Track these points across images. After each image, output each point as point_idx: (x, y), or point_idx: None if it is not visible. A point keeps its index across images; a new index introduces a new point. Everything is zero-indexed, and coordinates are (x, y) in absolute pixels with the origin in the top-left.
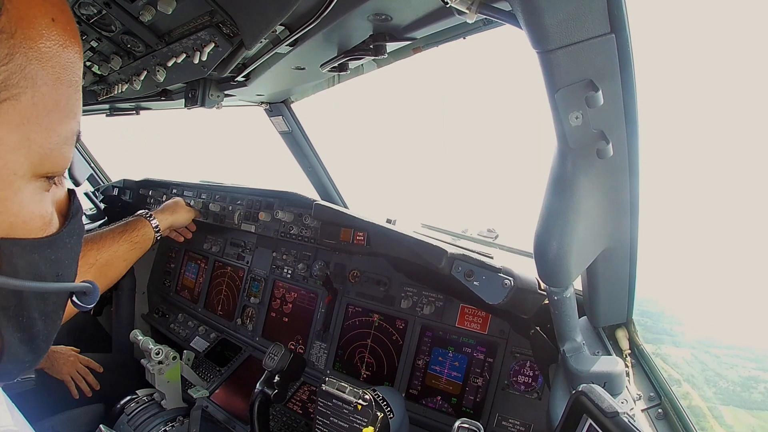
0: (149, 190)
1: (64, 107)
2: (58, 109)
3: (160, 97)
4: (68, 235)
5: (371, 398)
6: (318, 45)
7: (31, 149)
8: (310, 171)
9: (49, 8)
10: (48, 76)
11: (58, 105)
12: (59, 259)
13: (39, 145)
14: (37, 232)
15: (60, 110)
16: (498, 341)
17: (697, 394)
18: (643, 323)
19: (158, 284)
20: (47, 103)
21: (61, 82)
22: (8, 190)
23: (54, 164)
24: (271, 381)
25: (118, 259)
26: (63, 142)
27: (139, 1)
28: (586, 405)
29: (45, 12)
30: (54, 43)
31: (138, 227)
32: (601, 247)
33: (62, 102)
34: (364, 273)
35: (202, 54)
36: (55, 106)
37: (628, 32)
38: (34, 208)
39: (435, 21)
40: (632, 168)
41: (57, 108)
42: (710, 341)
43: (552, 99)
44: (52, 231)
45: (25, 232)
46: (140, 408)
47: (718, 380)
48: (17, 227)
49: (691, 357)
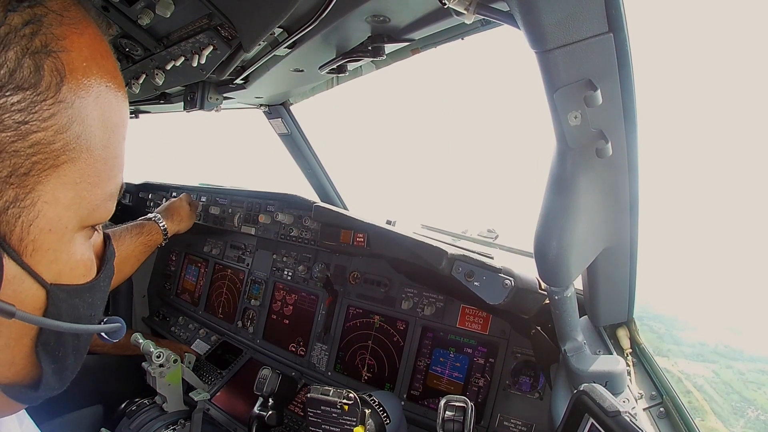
0: (149, 194)
1: (113, 164)
2: (107, 167)
3: (159, 100)
4: (103, 279)
5: (355, 396)
6: (316, 47)
7: (82, 205)
8: (309, 173)
9: (104, 75)
10: (102, 138)
11: (107, 163)
12: (95, 301)
13: (89, 202)
14: (80, 278)
15: (110, 167)
16: (499, 341)
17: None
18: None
19: (158, 287)
20: (99, 162)
21: (113, 141)
22: (60, 242)
23: (99, 217)
24: (266, 404)
25: (133, 258)
26: (109, 197)
27: (137, 5)
28: (588, 404)
29: (101, 80)
30: (107, 107)
31: (152, 231)
32: (601, 246)
33: (112, 160)
34: (364, 274)
35: (200, 57)
36: (106, 164)
37: (626, 31)
38: (80, 257)
39: (433, 22)
40: (631, 167)
41: (107, 166)
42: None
43: (551, 99)
44: (92, 276)
45: (70, 278)
46: (141, 411)
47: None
48: (65, 274)
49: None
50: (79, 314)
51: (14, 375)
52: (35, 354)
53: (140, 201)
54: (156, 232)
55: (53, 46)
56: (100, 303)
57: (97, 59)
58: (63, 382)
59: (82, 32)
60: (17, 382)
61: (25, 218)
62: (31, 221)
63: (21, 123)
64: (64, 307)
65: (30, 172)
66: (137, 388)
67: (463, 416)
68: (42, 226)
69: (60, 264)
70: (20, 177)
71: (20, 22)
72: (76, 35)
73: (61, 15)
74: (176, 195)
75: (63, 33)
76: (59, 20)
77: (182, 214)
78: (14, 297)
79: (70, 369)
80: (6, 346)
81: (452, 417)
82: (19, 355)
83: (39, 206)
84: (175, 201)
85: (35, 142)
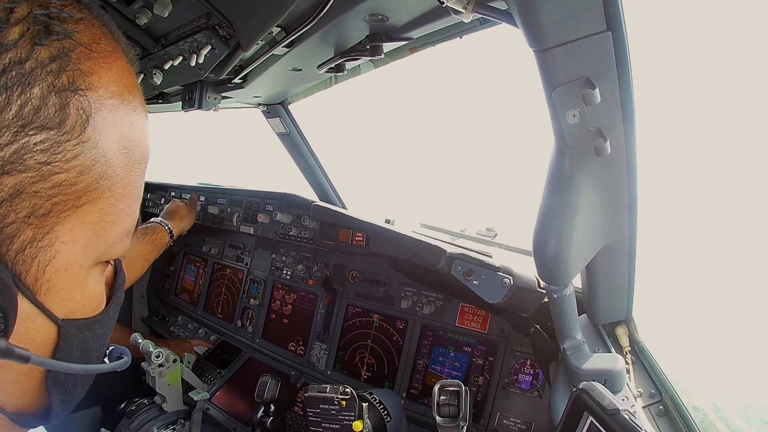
0: (147, 193)
1: (132, 201)
2: (127, 205)
3: (157, 99)
4: (114, 308)
5: (351, 391)
6: (315, 46)
7: (99, 244)
8: (308, 172)
9: (130, 113)
10: (124, 177)
11: (127, 200)
12: (104, 331)
13: (105, 240)
14: (91, 312)
15: (129, 204)
16: (498, 340)
17: None
18: None
19: (157, 287)
20: (120, 201)
21: (134, 178)
22: (75, 281)
23: (115, 254)
24: (267, 410)
25: (141, 259)
26: (126, 235)
27: (135, 4)
28: (587, 402)
29: (126, 117)
30: (131, 145)
31: (157, 231)
32: (600, 244)
33: (132, 197)
34: (363, 273)
35: (198, 56)
36: (126, 202)
37: (624, 29)
38: (92, 293)
39: (431, 21)
40: (630, 165)
41: (127, 203)
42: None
43: (549, 97)
44: (102, 308)
45: (82, 313)
46: (141, 411)
47: None
48: (77, 311)
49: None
50: (89, 347)
51: (23, 405)
52: (45, 387)
53: None
54: (161, 232)
55: (80, 84)
56: (109, 332)
57: (124, 95)
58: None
59: (110, 66)
60: (25, 411)
61: (41, 258)
62: (47, 261)
63: (43, 164)
64: (75, 342)
65: (50, 213)
66: (136, 389)
67: (458, 400)
68: (58, 266)
69: (74, 302)
70: (39, 218)
71: (47, 57)
72: (104, 70)
73: (90, 49)
74: (175, 195)
75: (91, 68)
76: (88, 54)
77: (181, 212)
78: (26, 334)
79: (77, 398)
80: (17, 380)
81: (446, 401)
82: (29, 387)
83: (56, 246)
84: (170, 204)
85: (57, 184)
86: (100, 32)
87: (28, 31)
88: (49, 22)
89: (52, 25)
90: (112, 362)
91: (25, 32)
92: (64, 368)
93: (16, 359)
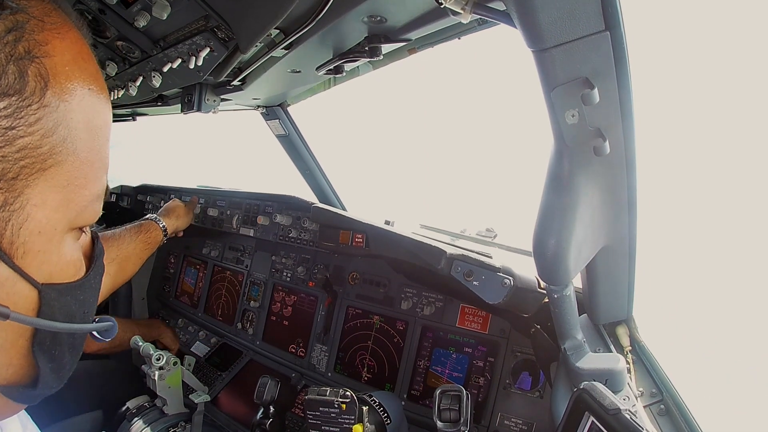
0: (147, 196)
1: (98, 166)
2: (93, 169)
3: (157, 102)
4: (93, 277)
5: (352, 394)
6: (313, 48)
7: (70, 207)
8: (307, 174)
9: (86, 79)
10: (86, 140)
11: (93, 165)
12: (86, 298)
13: (76, 203)
14: (70, 277)
15: (95, 169)
16: (499, 340)
17: None
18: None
19: (158, 290)
20: (85, 164)
21: (97, 143)
22: (50, 244)
23: (87, 219)
24: (267, 412)
25: (135, 257)
26: (95, 199)
27: (133, 7)
28: (588, 402)
29: (83, 83)
30: (91, 110)
31: (150, 229)
32: (600, 244)
33: (97, 162)
34: (363, 275)
35: (197, 59)
36: (91, 166)
37: (622, 29)
38: (69, 257)
39: (430, 22)
40: (629, 165)
41: (93, 168)
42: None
43: (548, 97)
44: (81, 275)
45: (61, 278)
46: (142, 414)
47: None
48: (55, 275)
49: None
50: (72, 312)
51: (12, 376)
52: (32, 354)
53: (138, 203)
54: (155, 229)
55: (36, 52)
56: (93, 300)
57: (79, 63)
58: (61, 380)
59: (63, 36)
60: (15, 382)
61: (15, 221)
62: (21, 224)
63: (8, 129)
64: (57, 306)
65: (18, 176)
66: (137, 392)
67: (459, 405)
68: (32, 228)
69: (50, 265)
70: (9, 181)
71: (3, 30)
72: (57, 40)
73: (43, 20)
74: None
75: (45, 38)
76: (41, 26)
77: (178, 211)
78: (7, 299)
79: (67, 366)
80: (2, 348)
81: (448, 406)
82: (15, 356)
83: (28, 209)
84: (170, 202)
85: (22, 147)
86: (50, 7)
87: None
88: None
89: (5, 1)
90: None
91: None
92: (45, 325)
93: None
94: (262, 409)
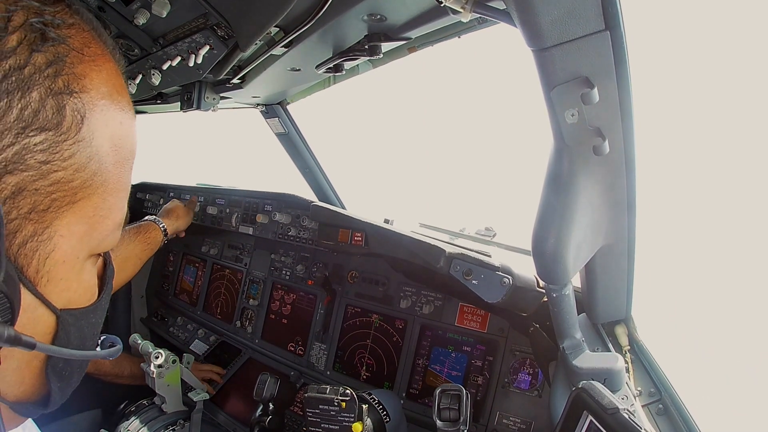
0: (146, 194)
1: (122, 196)
2: (118, 199)
3: (156, 100)
4: (104, 299)
5: (352, 393)
6: (313, 46)
7: (92, 236)
8: (307, 172)
9: (119, 112)
10: (115, 172)
11: (118, 194)
12: (97, 320)
13: (99, 233)
14: (86, 302)
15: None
16: (497, 339)
17: None
18: None
19: (157, 288)
20: (112, 195)
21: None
22: (71, 272)
23: (107, 246)
24: (266, 409)
25: (135, 257)
26: (117, 227)
27: (133, 5)
28: (587, 402)
29: (116, 117)
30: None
31: (150, 230)
32: (599, 244)
33: (122, 192)
34: (362, 273)
35: (197, 57)
36: (117, 196)
37: (622, 29)
38: (87, 283)
39: (430, 20)
40: (629, 164)
41: (117, 198)
42: None
43: (547, 96)
44: (95, 299)
45: (78, 303)
46: (141, 412)
47: None
48: (74, 300)
49: None
50: (84, 335)
51: (22, 394)
52: (44, 375)
53: (138, 201)
54: (154, 230)
55: (75, 86)
56: (101, 321)
57: (114, 96)
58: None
59: (101, 68)
60: (25, 399)
61: (41, 251)
62: (47, 254)
63: (43, 163)
64: (72, 330)
65: (49, 208)
66: (136, 390)
67: (458, 404)
68: (57, 258)
69: (70, 292)
70: (39, 213)
71: (44, 62)
72: (95, 72)
73: (82, 53)
74: (173, 196)
75: (83, 71)
76: (80, 58)
77: (178, 212)
78: (28, 324)
79: (74, 385)
80: (18, 369)
81: (448, 405)
82: (29, 376)
83: (55, 240)
84: (169, 203)
85: (55, 181)
86: (89, 36)
87: (26, 38)
88: (44, 29)
89: (47, 32)
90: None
91: (23, 39)
92: (66, 354)
93: (23, 346)
94: (261, 406)
